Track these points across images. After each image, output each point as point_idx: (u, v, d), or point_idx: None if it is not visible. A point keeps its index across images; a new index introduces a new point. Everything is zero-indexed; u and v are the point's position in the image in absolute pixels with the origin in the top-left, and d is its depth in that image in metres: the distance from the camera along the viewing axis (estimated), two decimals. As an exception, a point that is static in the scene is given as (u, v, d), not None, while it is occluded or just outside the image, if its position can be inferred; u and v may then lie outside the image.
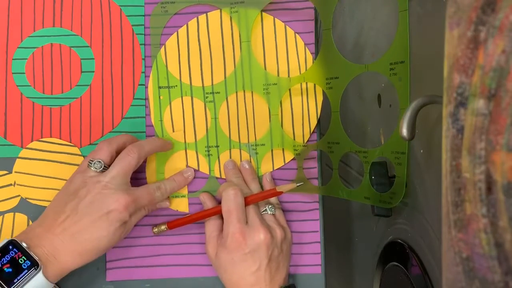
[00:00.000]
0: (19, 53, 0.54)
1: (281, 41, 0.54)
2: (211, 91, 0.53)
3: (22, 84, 0.54)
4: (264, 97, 0.53)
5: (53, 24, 0.54)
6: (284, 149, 0.54)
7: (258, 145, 0.54)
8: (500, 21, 0.22)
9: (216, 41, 0.54)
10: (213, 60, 0.54)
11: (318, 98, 0.54)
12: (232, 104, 0.54)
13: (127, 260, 0.53)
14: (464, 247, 0.24)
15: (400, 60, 0.43)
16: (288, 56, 0.54)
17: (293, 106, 0.54)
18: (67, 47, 0.54)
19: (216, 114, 0.54)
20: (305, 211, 0.54)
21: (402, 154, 0.44)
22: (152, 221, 0.53)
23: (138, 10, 0.55)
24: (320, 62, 0.52)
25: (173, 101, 0.54)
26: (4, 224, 0.52)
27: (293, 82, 0.53)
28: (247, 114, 0.54)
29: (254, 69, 0.53)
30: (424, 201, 0.44)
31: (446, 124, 0.25)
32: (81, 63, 0.54)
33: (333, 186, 0.51)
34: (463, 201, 0.24)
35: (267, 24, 0.54)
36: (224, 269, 0.49)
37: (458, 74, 0.24)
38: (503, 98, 0.22)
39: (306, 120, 0.54)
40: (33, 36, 0.54)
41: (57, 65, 0.54)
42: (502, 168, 0.22)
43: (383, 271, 0.52)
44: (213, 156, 0.54)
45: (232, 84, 0.53)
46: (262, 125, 0.54)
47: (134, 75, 0.54)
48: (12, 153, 0.53)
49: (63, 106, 0.54)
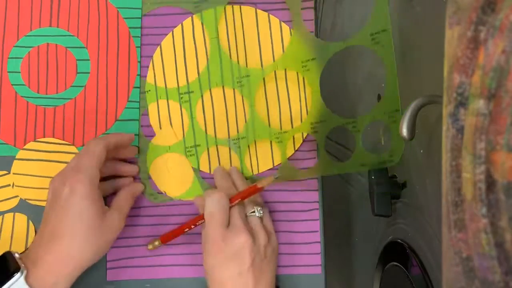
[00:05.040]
0: (15, 52, 0.54)
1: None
2: (187, 91, 0.53)
3: (17, 83, 0.54)
4: (238, 90, 0.53)
5: (50, 24, 0.54)
6: (266, 139, 0.54)
7: (239, 139, 0.53)
8: (500, 21, 0.22)
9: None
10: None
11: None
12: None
13: (127, 260, 0.53)
14: (464, 247, 0.24)
15: (382, 29, 0.46)
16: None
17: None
18: (63, 48, 0.54)
19: (192, 113, 0.54)
20: (305, 211, 0.54)
21: (396, 112, 0.45)
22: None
23: (135, 12, 0.55)
24: (292, 47, 0.52)
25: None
26: (4, 224, 0.52)
27: (267, 71, 0.53)
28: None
29: (225, 64, 0.53)
30: (424, 201, 0.44)
31: (446, 124, 0.25)
32: (76, 64, 0.54)
33: (324, 166, 0.50)
34: (463, 201, 0.24)
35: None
36: (208, 275, 0.47)
37: (458, 74, 0.24)
38: (503, 98, 0.22)
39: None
40: (30, 36, 0.54)
41: (52, 65, 0.54)
42: (502, 168, 0.22)
43: (383, 271, 0.52)
44: (195, 157, 0.53)
45: (206, 82, 0.53)
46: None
47: (129, 78, 0.54)
48: (7, 152, 0.53)
49: (57, 106, 0.54)
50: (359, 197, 0.64)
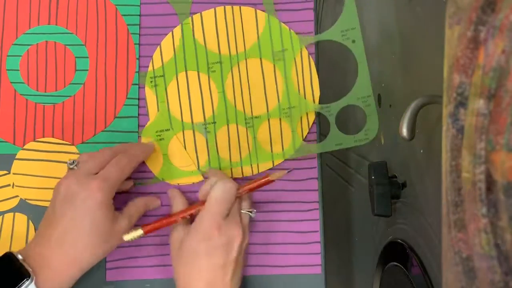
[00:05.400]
0: (14, 50, 0.54)
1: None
2: (161, 74, 0.54)
3: (16, 81, 0.54)
4: (210, 76, 0.54)
5: (49, 22, 0.54)
6: (238, 124, 0.54)
7: (209, 123, 0.54)
8: (500, 21, 0.22)
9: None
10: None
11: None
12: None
13: (127, 260, 0.53)
14: (464, 247, 0.25)
15: (351, 27, 0.53)
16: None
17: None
18: (62, 45, 0.54)
19: (167, 97, 0.54)
20: (305, 211, 0.54)
21: (369, 97, 0.53)
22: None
23: (133, 9, 0.55)
24: (265, 36, 0.54)
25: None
26: (4, 224, 0.52)
27: (240, 58, 0.54)
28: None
29: (198, 49, 0.54)
30: (424, 201, 0.44)
31: (446, 124, 0.25)
32: (75, 61, 0.54)
33: (300, 148, 0.53)
34: (463, 201, 0.24)
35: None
36: (184, 262, 0.46)
37: (458, 74, 0.24)
38: (503, 98, 0.22)
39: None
40: (28, 33, 0.54)
41: (51, 63, 0.54)
42: (502, 168, 0.22)
43: (383, 271, 0.52)
44: (165, 141, 0.54)
45: (172, 68, 0.54)
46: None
47: (128, 75, 0.54)
48: (6, 150, 0.53)
49: (56, 104, 0.54)
50: (359, 197, 0.64)
